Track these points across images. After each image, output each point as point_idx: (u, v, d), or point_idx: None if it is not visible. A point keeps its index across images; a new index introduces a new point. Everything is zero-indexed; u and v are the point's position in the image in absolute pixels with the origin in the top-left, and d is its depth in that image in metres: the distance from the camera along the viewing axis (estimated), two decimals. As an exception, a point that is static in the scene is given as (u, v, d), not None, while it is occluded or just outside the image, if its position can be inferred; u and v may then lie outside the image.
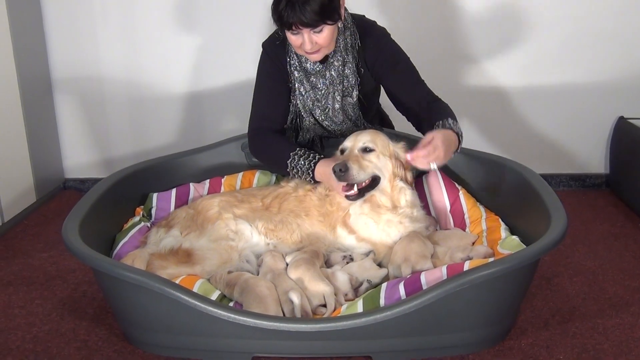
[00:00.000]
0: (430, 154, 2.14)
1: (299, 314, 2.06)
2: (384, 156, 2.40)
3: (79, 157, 3.68)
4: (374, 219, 2.41)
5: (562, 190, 3.61)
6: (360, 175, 2.31)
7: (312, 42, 2.33)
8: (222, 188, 2.85)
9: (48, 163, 3.54)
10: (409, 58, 2.57)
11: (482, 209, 2.62)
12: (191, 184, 2.83)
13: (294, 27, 2.28)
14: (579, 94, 3.48)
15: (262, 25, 3.39)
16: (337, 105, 2.59)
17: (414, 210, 2.46)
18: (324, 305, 2.11)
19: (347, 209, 2.44)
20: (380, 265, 2.36)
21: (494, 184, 2.65)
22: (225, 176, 2.90)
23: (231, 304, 2.13)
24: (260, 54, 2.63)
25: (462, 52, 3.44)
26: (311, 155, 2.47)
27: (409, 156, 2.20)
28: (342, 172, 2.26)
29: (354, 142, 2.40)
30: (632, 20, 3.36)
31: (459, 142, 2.34)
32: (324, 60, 2.52)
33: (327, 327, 1.87)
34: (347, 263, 2.34)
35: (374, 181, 2.38)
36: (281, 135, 2.60)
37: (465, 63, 3.46)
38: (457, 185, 2.71)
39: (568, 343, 2.10)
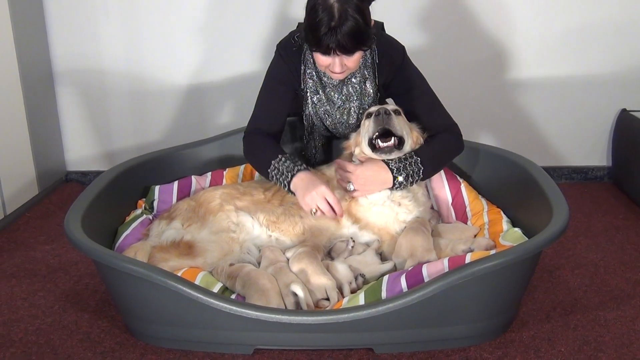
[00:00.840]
0: (343, 179, 2.41)
1: (304, 306, 2.07)
2: (406, 124, 2.45)
3: (81, 150, 3.68)
4: (380, 203, 2.43)
5: (564, 183, 3.60)
6: (399, 125, 2.35)
7: (342, 65, 2.28)
8: (224, 181, 2.85)
9: (50, 156, 3.54)
10: (425, 81, 2.52)
11: (484, 201, 2.62)
12: (193, 177, 2.83)
13: (330, 52, 2.23)
14: (581, 86, 3.47)
15: (264, 19, 3.38)
16: (352, 121, 2.57)
17: (420, 192, 2.50)
18: (327, 299, 2.12)
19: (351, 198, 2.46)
20: (381, 256, 2.36)
21: (496, 176, 2.64)
22: (227, 169, 2.90)
23: (233, 296, 2.13)
24: (273, 52, 2.55)
25: (462, 44, 3.43)
26: (297, 162, 2.40)
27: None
28: (387, 114, 2.29)
29: (382, 108, 2.38)
30: (636, 12, 3.34)
31: (395, 183, 2.35)
32: None
33: (329, 320, 1.87)
34: (352, 247, 2.35)
35: (400, 144, 2.40)
36: (272, 140, 2.53)
37: (465, 55, 3.45)
38: (458, 178, 2.71)
39: (569, 335, 2.10)
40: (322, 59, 2.29)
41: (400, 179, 2.34)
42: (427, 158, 2.39)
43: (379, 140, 2.36)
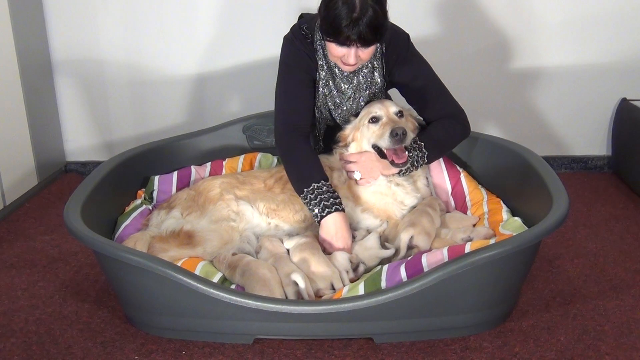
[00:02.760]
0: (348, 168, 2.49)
1: (305, 296, 2.07)
2: (407, 117, 2.49)
3: (80, 140, 3.67)
4: (379, 184, 2.47)
5: (564, 173, 3.60)
6: (409, 137, 2.39)
7: (357, 57, 2.26)
8: (224, 170, 2.84)
9: (49, 146, 3.53)
10: (430, 68, 2.50)
11: (483, 191, 2.62)
12: (192, 167, 2.83)
13: (349, 44, 2.20)
14: (581, 76, 3.46)
15: (267, 6, 3.36)
16: (360, 110, 2.55)
17: (419, 181, 2.53)
18: (331, 289, 2.12)
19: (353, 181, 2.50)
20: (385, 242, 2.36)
21: (496, 166, 2.64)
22: (226, 159, 2.90)
23: (233, 287, 2.13)
24: (275, 41, 2.49)
25: (463, 33, 3.41)
26: (338, 199, 2.31)
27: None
28: (404, 135, 2.32)
29: (385, 110, 2.43)
30: (637, 1, 3.32)
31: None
32: None
33: (329, 309, 1.87)
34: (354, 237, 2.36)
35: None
36: (312, 150, 2.44)
37: (465, 45, 3.43)
38: (458, 167, 2.70)
39: (569, 324, 2.10)
40: (337, 50, 2.25)
41: (408, 164, 2.37)
42: (431, 143, 2.42)
43: (393, 158, 2.36)
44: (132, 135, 3.62)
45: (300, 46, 2.42)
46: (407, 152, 2.36)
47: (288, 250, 2.30)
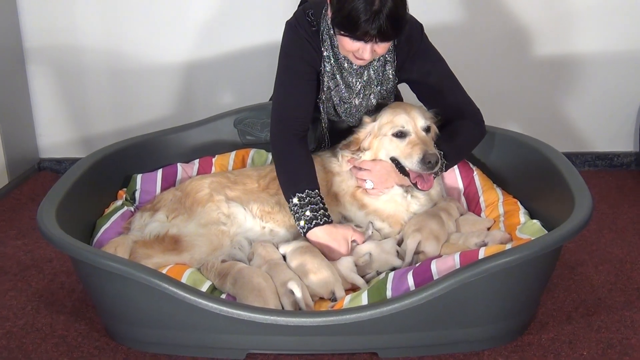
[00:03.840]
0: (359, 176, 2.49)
1: (303, 306, 2.07)
2: (432, 130, 2.48)
3: (55, 135, 3.67)
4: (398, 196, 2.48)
5: (587, 171, 3.60)
6: (439, 163, 2.36)
7: (373, 52, 2.24)
8: (213, 168, 2.85)
9: (21, 141, 3.53)
10: (444, 62, 2.50)
11: (499, 191, 2.62)
12: (179, 164, 2.83)
13: (367, 39, 2.18)
14: (606, 65, 3.46)
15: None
16: (372, 107, 2.55)
17: (434, 188, 2.52)
18: (331, 299, 2.12)
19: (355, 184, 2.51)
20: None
21: (513, 163, 2.64)
22: (216, 155, 2.90)
23: (223, 296, 2.13)
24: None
25: (477, 19, 3.41)
26: (320, 212, 2.31)
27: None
28: (436, 163, 2.31)
29: (413, 124, 2.40)
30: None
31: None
32: None
33: (329, 321, 1.87)
34: (372, 233, 2.37)
35: None
36: (306, 155, 2.43)
37: (479, 32, 3.43)
38: (471, 165, 2.70)
39: (593, 338, 2.10)
40: (350, 44, 2.23)
41: None
42: (450, 152, 2.41)
43: (418, 182, 2.38)
44: (113, 129, 3.62)
45: (304, 35, 2.40)
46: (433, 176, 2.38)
47: (284, 257, 2.30)
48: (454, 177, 2.66)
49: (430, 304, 1.87)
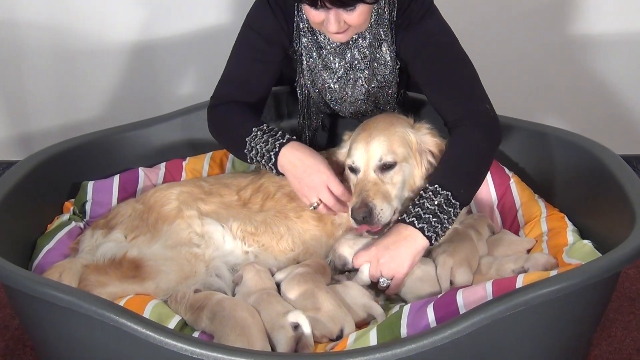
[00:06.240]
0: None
1: (310, 344, 2.06)
2: (407, 163, 2.39)
3: (-14, 132, 3.69)
4: None
5: (652, 178, 3.61)
6: (386, 211, 2.29)
7: (339, 22, 2.26)
8: (184, 175, 2.85)
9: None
10: (456, 43, 2.48)
11: (541, 203, 2.62)
12: (140, 169, 2.83)
13: (319, 3, 2.21)
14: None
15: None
16: (358, 96, 2.58)
17: None
18: (333, 339, 2.12)
19: None
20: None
21: (559, 169, 2.65)
22: (187, 158, 2.91)
23: (195, 334, 2.13)
24: None
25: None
26: (279, 133, 2.42)
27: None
28: (366, 218, 2.25)
29: (366, 159, 2.35)
30: None
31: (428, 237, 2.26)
32: None
33: (332, 367, 1.87)
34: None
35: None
36: (248, 108, 2.54)
37: (513, 3, 3.44)
38: (507, 170, 2.71)
39: (659, 387, 2.11)
40: (313, 14, 2.28)
41: (434, 235, 2.25)
42: (460, 187, 2.31)
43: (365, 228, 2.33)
44: (57, 125, 3.63)
45: (274, 3, 2.47)
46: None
47: (278, 285, 2.31)
48: (485, 185, 2.65)
49: (455, 344, 1.86)
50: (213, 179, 2.68)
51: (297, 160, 2.37)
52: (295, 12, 2.48)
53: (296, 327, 2.09)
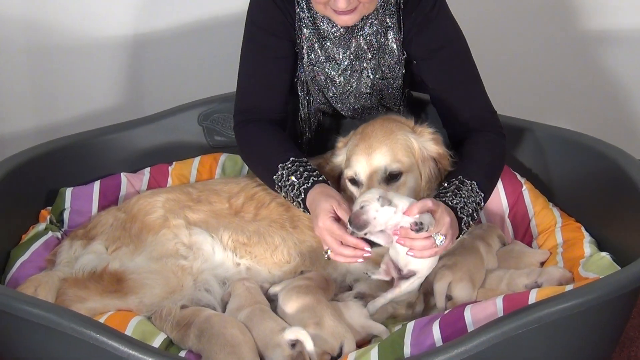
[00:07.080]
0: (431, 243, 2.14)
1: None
2: (412, 173, 2.39)
3: (-45, 135, 3.69)
4: None
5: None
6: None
7: None
8: (170, 180, 2.86)
9: None
10: (463, 42, 2.51)
11: (556, 212, 2.63)
12: (123, 175, 2.84)
13: None
14: None
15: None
16: (364, 89, 2.58)
17: None
18: (334, 356, 2.12)
19: None
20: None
21: (574, 175, 2.65)
22: (174, 163, 2.91)
23: (182, 354, 2.13)
24: None
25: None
26: (306, 172, 2.36)
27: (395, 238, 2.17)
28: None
29: (369, 171, 2.35)
30: None
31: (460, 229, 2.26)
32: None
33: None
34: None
35: None
36: (274, 132, 2.51)
37: (531, 4, 3.47)
38: (519, 176, 2.71)
39: (682, 411, 2.11)
40: None
41: (466, 218, 2.27)
42: (484, 179, 2.35)
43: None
44: (34, 126, 3.63)
45: None
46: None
47: (272, 301, 2.32)
48: (495, 193, 2.65)
49: (464, 365, 1.87)
50: (202, 185, 2.67)
51: (314, 202, 2.29)
52: (295, 4, 2.48)
53: (294, 345, 2.08)
